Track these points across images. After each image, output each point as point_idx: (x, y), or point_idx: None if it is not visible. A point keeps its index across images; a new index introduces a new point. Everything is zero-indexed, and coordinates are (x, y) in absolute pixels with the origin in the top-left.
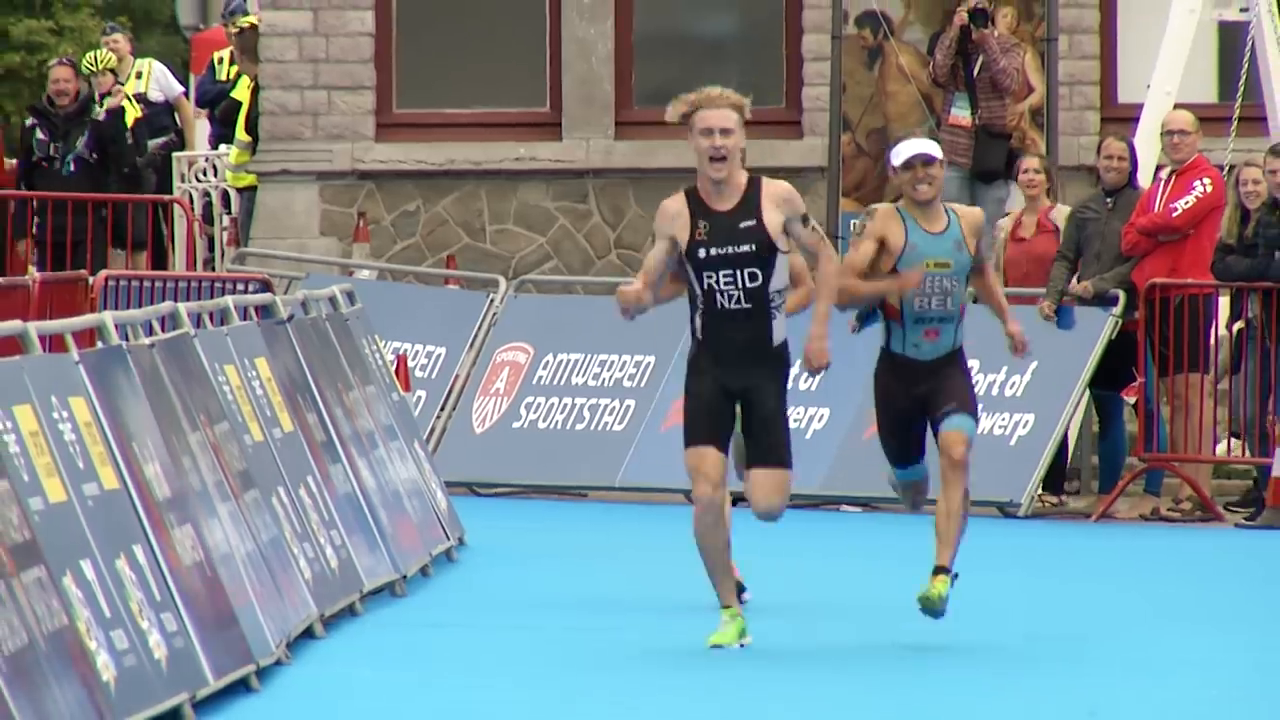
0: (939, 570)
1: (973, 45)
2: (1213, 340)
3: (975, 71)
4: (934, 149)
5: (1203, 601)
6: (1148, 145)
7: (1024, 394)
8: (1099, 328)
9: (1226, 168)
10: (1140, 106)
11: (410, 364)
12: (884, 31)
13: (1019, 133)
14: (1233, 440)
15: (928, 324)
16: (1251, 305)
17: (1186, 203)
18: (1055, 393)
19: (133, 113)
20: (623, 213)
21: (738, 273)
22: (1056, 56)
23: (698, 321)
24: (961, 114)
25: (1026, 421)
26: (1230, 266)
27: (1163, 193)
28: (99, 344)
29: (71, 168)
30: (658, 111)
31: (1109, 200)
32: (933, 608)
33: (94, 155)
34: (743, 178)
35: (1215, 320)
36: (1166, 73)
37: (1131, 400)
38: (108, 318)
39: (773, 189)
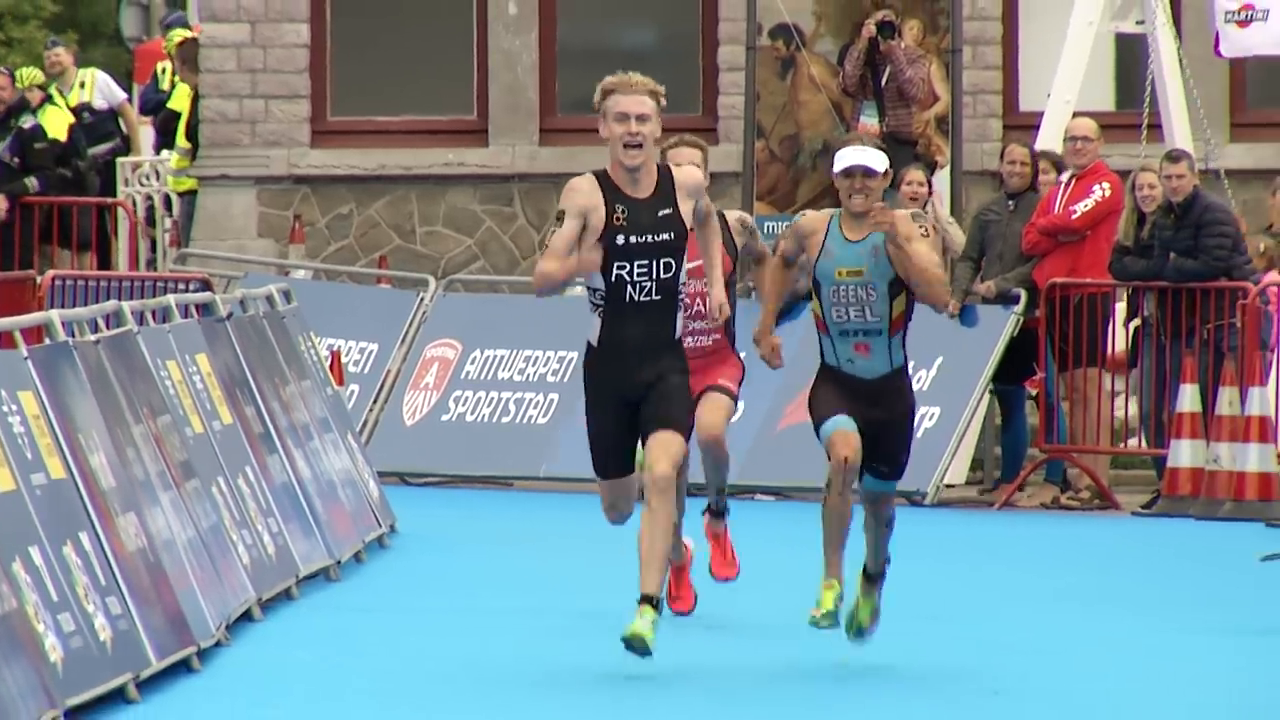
0: (866, 577)
1: (880, 56)
2: (1110, 337)
3: (883, 81)
4: (876, 161)
5: (1100, 585)
6: (1050, 147)
7: (930, 388)
8: (1001, 325)
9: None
10: (1041, 114)
11: (344, 359)
12: (796, 43)
13: (924, 140)
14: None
15: (854, 337)
16: (1147, 304)
17: (1086, 205)
18: (960, 387)
19: (64, 121)
20: (547, 215)
21: (653, 263)
22: (960, 67)
23: (597, 322)
24: (870, 122)
25: (933, 414)
26: (1127, 267)
27: (1063, 195)
28: (46, 340)
29: None
30: (581, 119)
31: (1011, 203)
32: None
33: (15, 160)
34: (655, 165)
35: (1113, 318)
36: (1066, 82)
37: (1033, 393)
38: (55, 316)
39: (685, 177)
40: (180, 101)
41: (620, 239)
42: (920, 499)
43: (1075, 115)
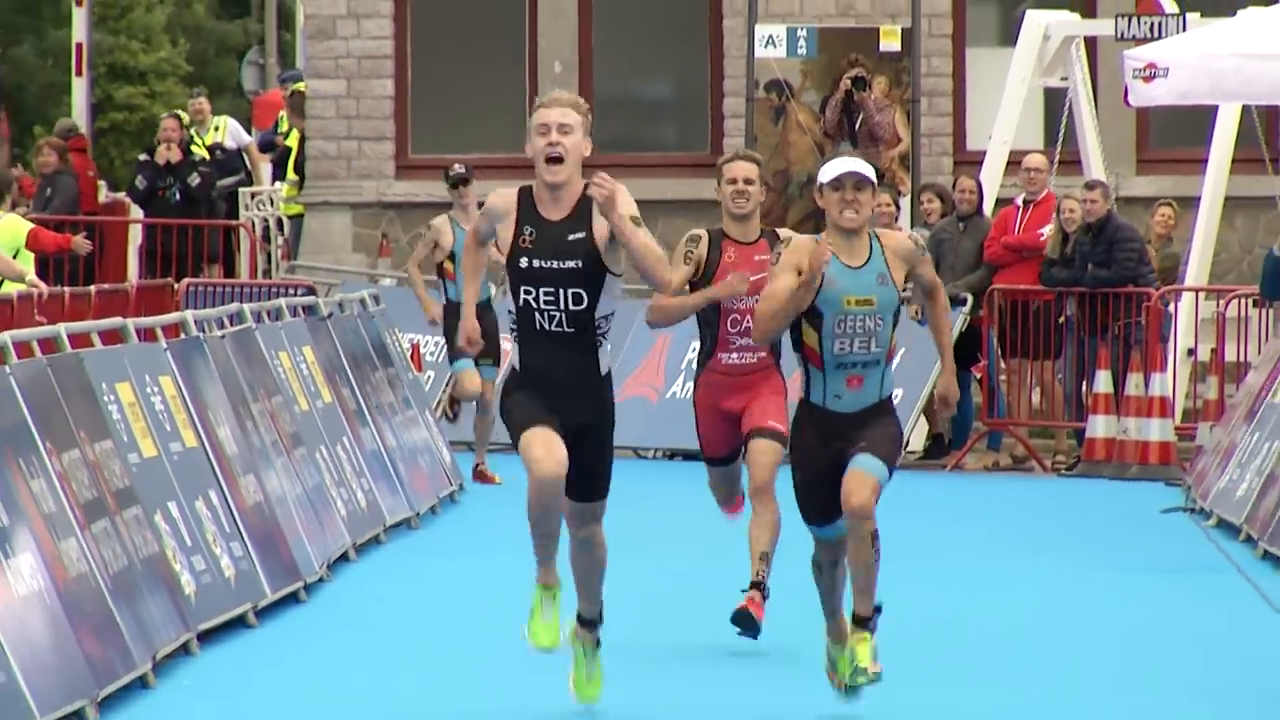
0: (859, 622)
1: (855, 105)
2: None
3: (857, 125)
4: (867, 169)
5: (1031, 532)
6: (991, 182)
7: (895, 372)
8: (952, 322)
9: (1021, 200)
10: (984, 152)
11: (421, 351)
12: (786, 95)
13: (890, 173)
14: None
15: (850, 370)
16: (1070, 306)
17: (1050, 229)
18: (919, 372)
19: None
20: None
21: (560, 292)
22: (919, 114)
23: (515, 350)
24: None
25: (897, 394)
26: (1054, 275)
27: (1021, 217)
28: (182, 335)
29: (176, 199)
30: (611, 156)
31: (961, 224)
32: (862, 682)
33: (197, 190)
34: (579, 185)
35: (1051, 317)
36: (1003, 126)
37: (978, 377)
38: (189, 315)
39: (609, 181)
40: (292, 141)
41: (524, 261)
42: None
43: (1029, 153)
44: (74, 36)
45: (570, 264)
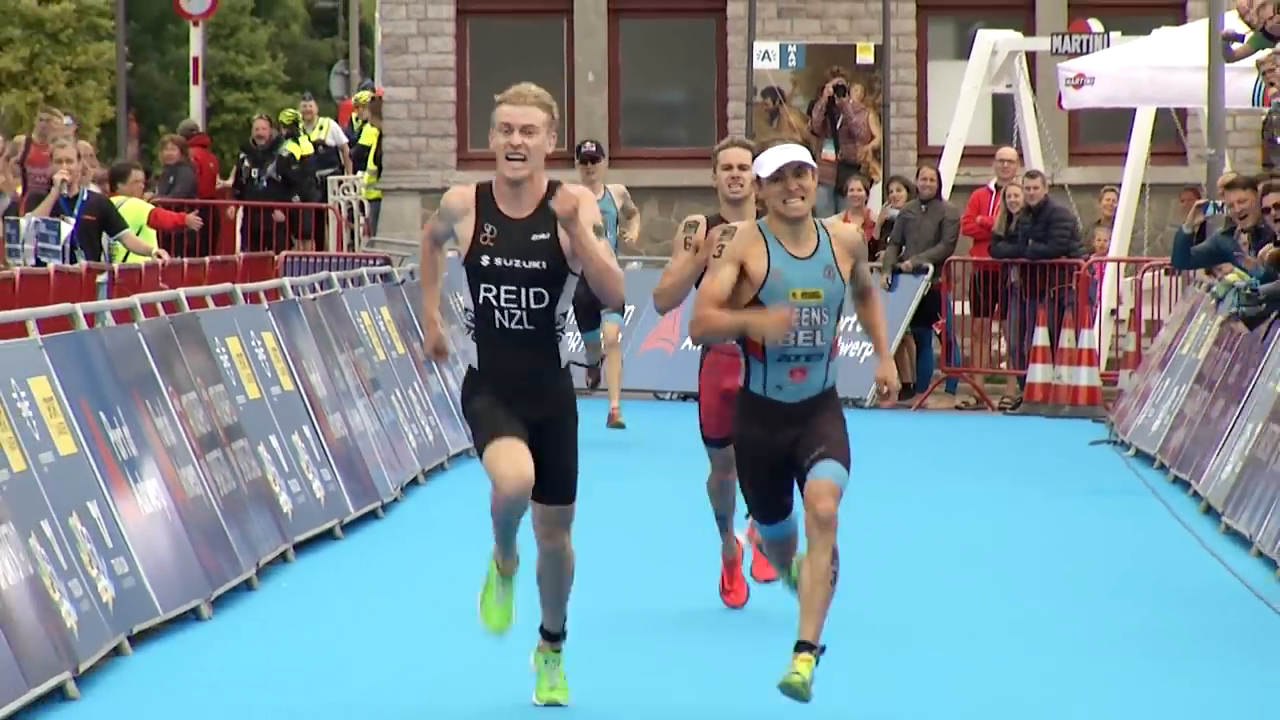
0: (802, 646)
1: (836, 108)
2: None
3: (838, 125)
4: (805, 155)
5: (980, 460)
6: (948, 172)
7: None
8: (916, 288)
9: (993, 185)
10: (942, 147)
11: None
12: (780, 100)
13: (865, 164)
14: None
15: (793, 362)
16: (1014, 274)
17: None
18: (889, 328)
19: (302, 152)
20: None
21: (522, 291)
22: (889, 116)
23: (473, 346)
24: (829, 152)
25: (869, 347)
26: (1000, 249)
27: (993, 201)
28: (281, 298)
29: (264, 185)
30: (636, 150)
31: (923, 207)
32: (797, 695)
33: (279, 176)
34: (543, 184)
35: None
36: (958, 126)
37: (938, 333)
38: (286, 282)
39: (570, 195)
40: (369, 139)
41: (485, 260)
42: (862, 403)
43: (988, 147)
44: (191, 52)
45: (534, 264)
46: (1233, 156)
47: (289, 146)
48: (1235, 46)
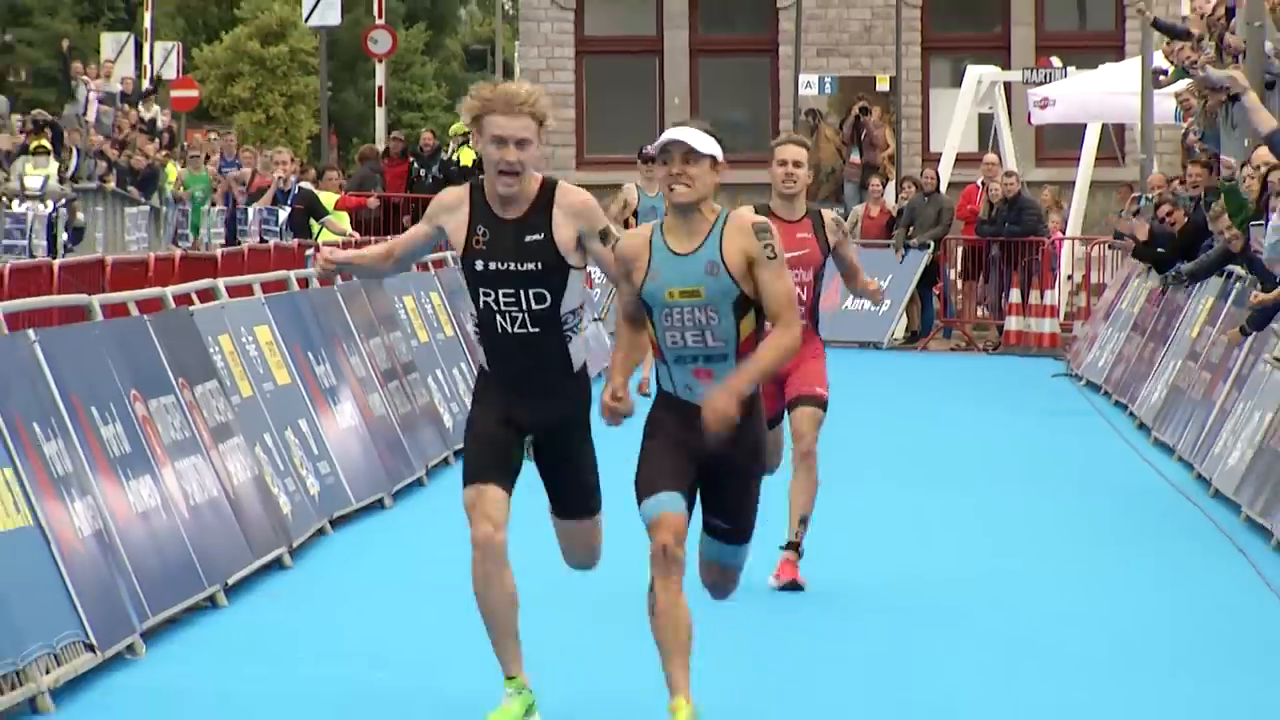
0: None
1: (861, 124)
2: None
3: (862, 136)
4: (700, 140)
5: (968, 387)
6: (945, 172)
7: (886, 289)
8: (921, 259)
9: (980, 182)
10: (940, 153)
11: (594, 275)
12: (818, 118)
13: (883, 166)
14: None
15: (692, 363)
16: (994, 249)
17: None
18: (900, 290)
19: (470, 157)
20: None
21: (520, 293)
22: (901, 130)
23: (481, 347)
24: (855, 157)
25: (886, 304)
26: (984, 230)
27: (979, 194)
28: (444, 268)
29: (429, 182)
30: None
31: (926, 198)
32: None
33: (441, 176)
34: (535, 183)
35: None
36: (952, 137)
37: (937, 293)
38: (449, 255)
39: (569, 198)
40: (466, 159)
41: (479, 264)
42: (879, 345)
43: (975, 153)
44: (376, 82)
45: (529, 266)
46: (1160, 161)
47: (461, 153)
48: (1161, 78)
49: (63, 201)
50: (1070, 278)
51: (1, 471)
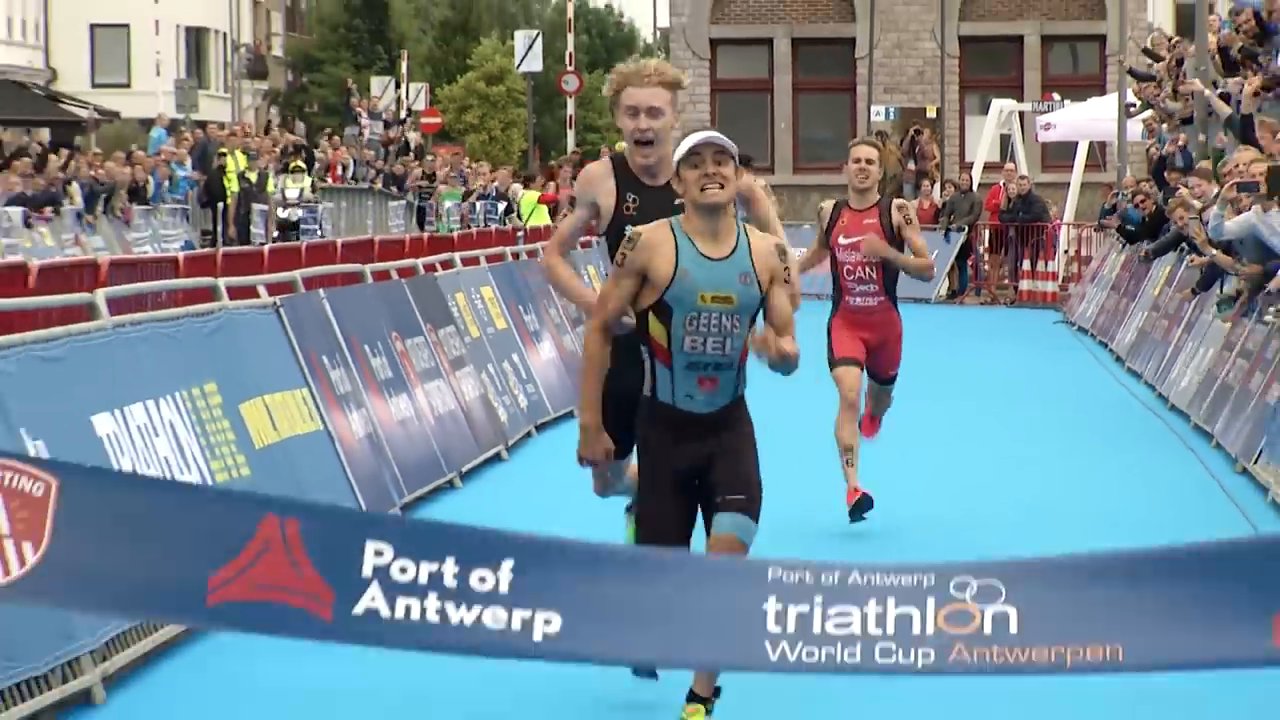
0: (696, 699)
1: (915, 142)
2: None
3: (915, 150)
4: (727, 141)
5: (990, 332)
6: (976, 175)
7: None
8: (959, 239)
9: (1002, 183)
10: (973, 162)
11: None
12: (884, 137)
13: (930, 172)
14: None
15: (702, 370)
16: (1012, 231)
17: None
18: (943, 261)
19: None
20: (797, 211)
21: None
22: (944, 145)
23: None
24: (911, 166)
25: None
26: (1005, 218)
27: (1002, 191)
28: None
29: None
30: (800, 164)
31: (963, 195)
32: None
33: None
34: (673, 152)
35: (1004, 236)
36: (982, 151)
37: (970, 263)
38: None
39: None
40: None
41: (628, 229)
42: (928, 300)
43: (986, 163)
44: (568, 111)
45: None
46: (1131, 168)
47: None
48: (1131, 109)
49: (309, 206)
50: (1066, 252)
51: (300, 391)
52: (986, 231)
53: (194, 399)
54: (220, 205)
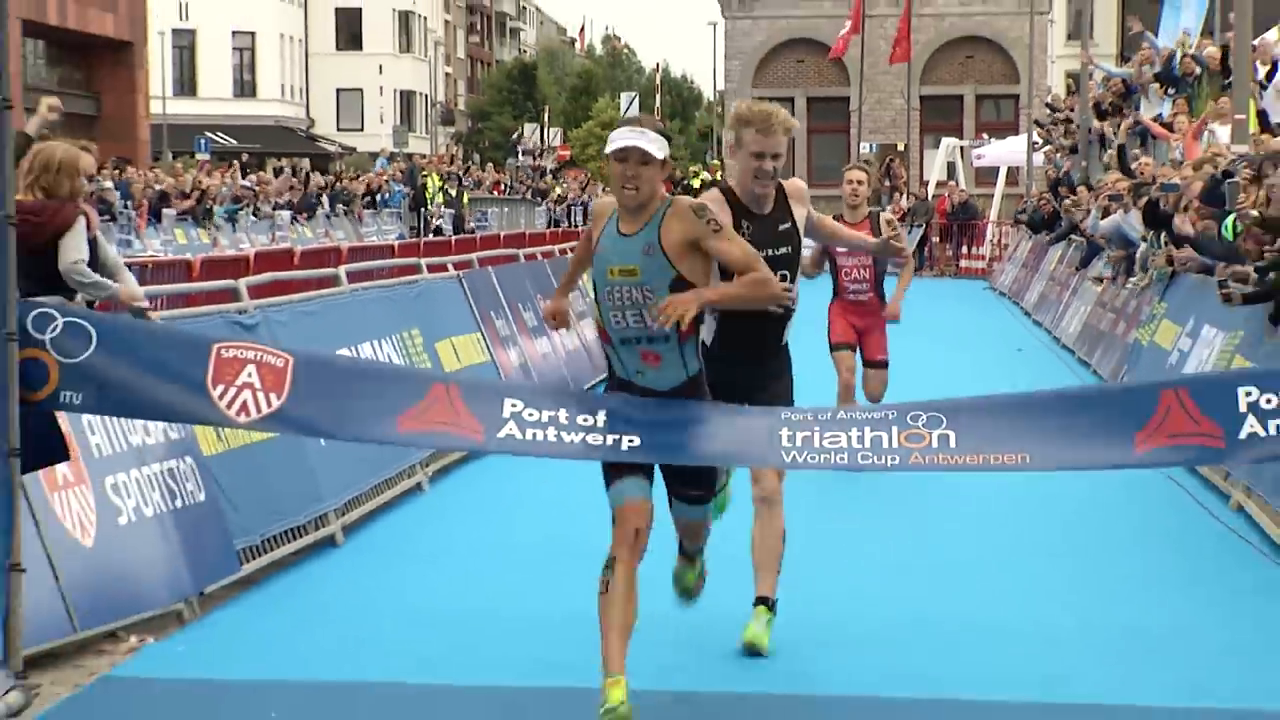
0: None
1: (891, 167)
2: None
3: (891, 174)
4: (654, 146)
5: (938, 296)
6: (931, 190)
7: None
8: (918, 233)
9: (947, 195)
10: (929, 182)
11: None
12: (868, 163)
13: (901, 188)
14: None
15: (636, 344)
16: (955, 227)
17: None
18: (909, 248)
19: (699, 181)
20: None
21: (774, 273)
22: (910, 170)
23: (712, 325)
24: (887, 183)
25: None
26: (950, 218)
27: (947, 200)
28: None
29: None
30: (819, 183)
31: (921, 202)
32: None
33: (681, 192)
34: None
35: (950, 229)
36: (935, 173)
37: (926, 249)
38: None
39: (794, 188)
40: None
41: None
42: (896, 274)
43: (950, 181)
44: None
45: (783, 249)
46: (1036, 185)
47: (693, 179)
48: (1035, 145)
49: (481, 212)
50: (991, 241)
51: (475, 335)
52: (937, 227)
53: (404, 340)
54: (422, 210)
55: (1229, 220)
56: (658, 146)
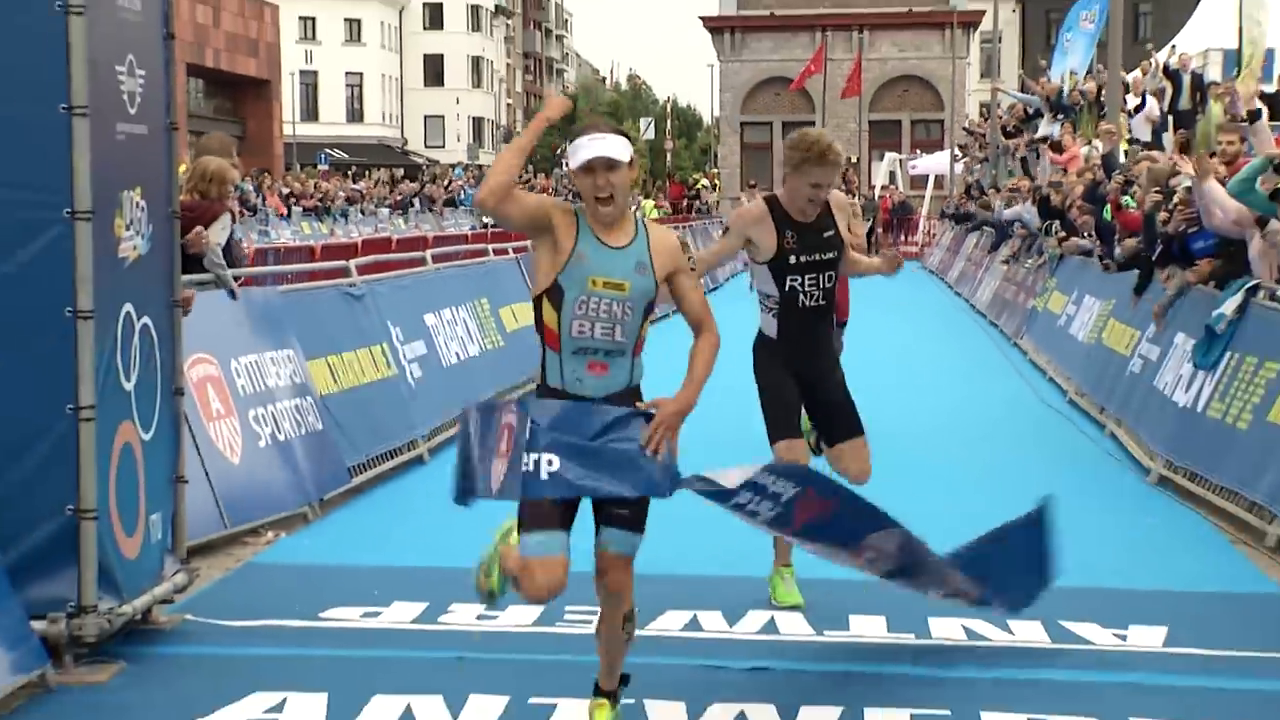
0: (602, 693)
1: (846, 175)
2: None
3: (846, 179)
4: (620, 150)
5: (910, 279)
6: (877, 192)
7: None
8: (865, 225)
9: (890, 196)
10: (875, 186)
11: None
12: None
13: (854, 191)
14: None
15: (591, 355)
16: (895, 221)
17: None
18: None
19: (701, 184)
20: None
21: (820, 276)
22: (861, 178)
23: (772, 323)
24: (843, 187)
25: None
26: (890, 215)
27: (890, 199)
28: None
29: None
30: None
31: (867, 201)
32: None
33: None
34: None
35: (893, 223)
36: (879, 178)
37: (872, 239)
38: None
39: (837, 200)
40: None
41: (793, 258)
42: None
43: (891, 185)
44: (668, 159)
45: (829, 254)
46: (956, 189)
47: (699, 185)
48: (957, 158)
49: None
50: (923, 231)
51: (529, 303)
52: (881, 221)
53: (476, 307)
54: None
55: (1105, 211)
56: (622, 147)
